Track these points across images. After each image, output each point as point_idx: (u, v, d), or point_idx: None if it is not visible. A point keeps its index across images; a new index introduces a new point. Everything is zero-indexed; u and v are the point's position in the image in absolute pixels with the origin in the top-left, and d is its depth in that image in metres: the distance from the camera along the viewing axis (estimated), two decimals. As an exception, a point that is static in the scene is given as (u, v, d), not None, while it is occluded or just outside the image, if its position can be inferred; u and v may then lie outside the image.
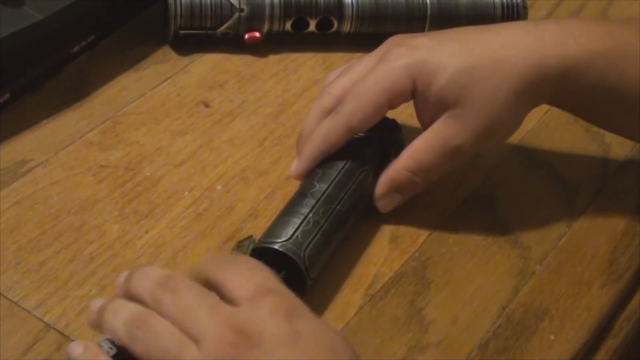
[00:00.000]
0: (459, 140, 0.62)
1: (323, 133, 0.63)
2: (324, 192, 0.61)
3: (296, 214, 0.59)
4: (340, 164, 0.63)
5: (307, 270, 0.57)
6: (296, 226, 0.59)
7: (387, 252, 0.63)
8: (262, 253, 0.57)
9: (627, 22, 0.65)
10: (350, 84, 0.63)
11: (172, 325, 0.48)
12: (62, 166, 0.66)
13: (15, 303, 0.57)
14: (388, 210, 0.65)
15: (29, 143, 0.67)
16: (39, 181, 0.64)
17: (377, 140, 0.65)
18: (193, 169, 0.67)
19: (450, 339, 0.59)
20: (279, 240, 0.58)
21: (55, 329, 0.56)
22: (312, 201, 0.60)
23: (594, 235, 0.67)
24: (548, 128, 0.74)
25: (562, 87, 0.63)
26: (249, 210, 0.65)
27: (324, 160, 0.63)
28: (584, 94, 0.64)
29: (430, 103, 0.62)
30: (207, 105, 0.72)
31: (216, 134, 0.70)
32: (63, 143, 0.67)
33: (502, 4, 0.79)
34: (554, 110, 0.75)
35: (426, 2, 0.78)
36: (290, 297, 0.50)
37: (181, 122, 0.70)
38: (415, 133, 0.64)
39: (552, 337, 0.60)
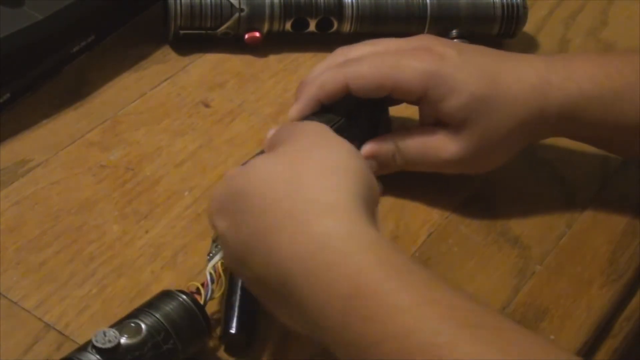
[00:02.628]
0: (447, 155, 0.64)
1: (322, 80, 0.64)
2: None
3: None
4: (334, 119, 0.64)
5: None
6: None
7: (387, 252, 0.63)
8: None
9: (630, 56, 0.66)
10: (369, 52, 0.65)
11: None
12: (62, 166, 0.66)
13: (15, 303, 0.57)
14: None
15: (29, 143, 0.67)
16: (39, 181, 0.64)
17: (368, 114, 0.66)
18: (193, 169, 0.67)
19: (450, 339, 0.59)
20: None
21: (55, 329, 0.56)
22: None
23: (594, 235, 0.67)
24: (548, 128, 0.74)
25: (560, 126, 0.65)
26: (249, 210, 0.64)
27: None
28: (583, 131, 0.66)
29: (435, 115, 0.64)
30: (207, 105, 0.72)
31: (216, 134, 0.70)
32: (63, 143, 0.67)
33: (502, 5, 0.78)
34: (554, 110, 0.75)
35: (426, 2, 0.78)
36: None
37: (181, 122, 0.70)
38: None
39: (552, 337, 0.60)
